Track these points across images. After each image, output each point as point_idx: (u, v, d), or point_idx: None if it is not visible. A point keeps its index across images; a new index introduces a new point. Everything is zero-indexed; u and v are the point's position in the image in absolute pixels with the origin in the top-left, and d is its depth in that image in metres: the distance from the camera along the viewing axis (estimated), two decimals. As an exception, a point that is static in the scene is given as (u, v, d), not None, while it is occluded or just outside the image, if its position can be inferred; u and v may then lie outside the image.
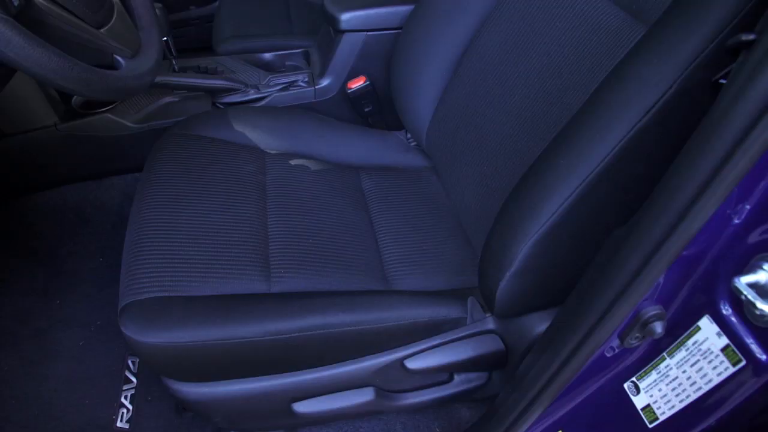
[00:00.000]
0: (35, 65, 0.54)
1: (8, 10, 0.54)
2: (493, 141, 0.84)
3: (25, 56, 0.53)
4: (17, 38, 0.52)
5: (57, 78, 0.56)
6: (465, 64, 0.92)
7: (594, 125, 0.59)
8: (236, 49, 1.37)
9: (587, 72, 0.72)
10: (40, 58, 0.54)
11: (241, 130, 1.02)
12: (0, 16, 0.51)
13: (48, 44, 0.55)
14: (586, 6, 0.75)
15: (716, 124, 0.41)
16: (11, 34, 0.51)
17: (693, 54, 0.53)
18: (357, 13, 1.09)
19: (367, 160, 1.05)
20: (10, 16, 0.53)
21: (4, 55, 0.52)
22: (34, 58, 0.54)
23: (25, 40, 0.52)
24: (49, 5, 0.61)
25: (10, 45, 0.51)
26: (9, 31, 0.51)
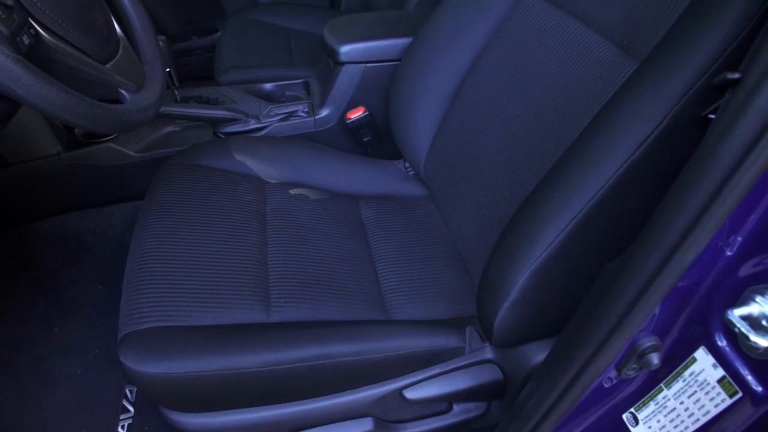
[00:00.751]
0: (43, 102, 0.55)
1: (19, 48, 0.56)
2: (490, 171, 0.86)
3: (33, 93, 0.54)
4: (27, 76, 0.53)
5: (64, 114, 0.58)
6: (462, 96, 0.94)
7: (588, 158, 0.60)
8: (237, 80, 1.40)
9: (582, 105, 0.74)
10: (48, 94, 0.56)
11: (241, 159, 1.03)
12: (11, 55, 0.52)
13: (55, 81, 0.57)
14: (580, 40, 0.77)
15: (704, 160, 0.43)
16: (21, 73, 0.53)
17: (682, 90, 0.55)
18: (356, 46, 1.12)
19: (366, 189, 1.06)
20: (21, 54, 0.55)
21: (14, 92, 0.53)
22: (42, 94, 0.55)
23: (34, 78, 0.54)
24: (58, 43, 0.63)
25: (19, 83, 0.53)
26: (19, 70, 0.53)
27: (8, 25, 0.55)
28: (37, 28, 0.60)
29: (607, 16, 0.73)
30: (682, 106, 0.55)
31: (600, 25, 0.75)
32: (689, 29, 0.57)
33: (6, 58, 0.52)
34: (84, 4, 0.69)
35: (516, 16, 0.89)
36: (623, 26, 0.70)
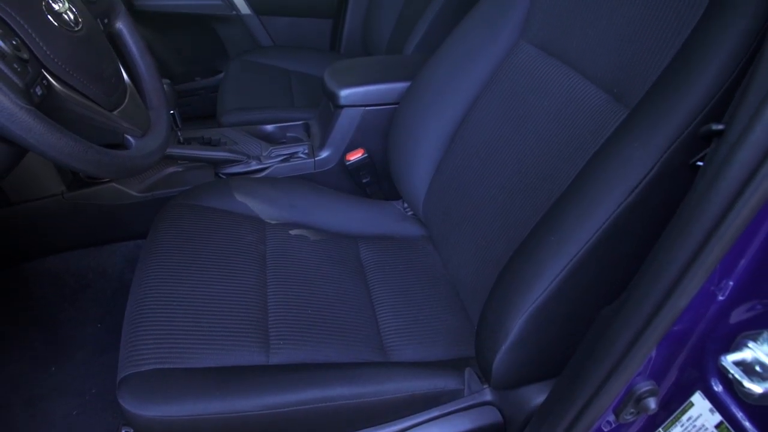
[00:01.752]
0: (53, 150, 0.57)
1: (32, 99, 0.58)
2: (487, 213, 0.87)
3: (44, 142, 0.56)
4: (38, 126, 0.55)
5: (72, 161, 0.60)
6: (459, 139, 0.97)
7: (582, 203, 0.62)
8: (239, 121, 1.43)
9: (575, 149, 0.76)
10: (57, 143, 0.58)
11: (242, 200, 1.05)
12: (24, 106, 0.54)
13: (65, 130, 0.59)
14: (572, 87, 0.80)
15: (693, 210, 0.44)
16: (33, 123, 0.55)
17: (670, 139, 0.57)
18: (355, 90, 1.15)
19: (365, 230, 1.08)
20: (33, 104, 0.57)
21: (26, 141, 0.55)
22: (51, 143, 0.57)
23: (45, 128, 0.56)
24: (69, 92, 0.65)
25: (31, 132, 0.55)
26: (32, 121, 0.55)
27: (23, 78, 0.57)
28: (50, 79, 0.63)
29: (598, 64, 0.76)
30: (670, 154, 0.57)
31: (591, 73, 0.77)
32: (675, 81, 0.59)
33: (20, 110, 0.54)
34: (94, 55, 0.72)
35: (511, 62, 0.92)
36: (613, 75, 0.73)
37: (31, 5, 0.64)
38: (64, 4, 0.70)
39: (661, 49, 0.65)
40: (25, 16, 0.61)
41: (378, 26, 1.71)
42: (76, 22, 0.70)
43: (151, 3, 1.91)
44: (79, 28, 0.70)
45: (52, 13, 0.67)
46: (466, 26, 1.00)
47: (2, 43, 0.57)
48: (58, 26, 0.67)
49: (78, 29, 0.70)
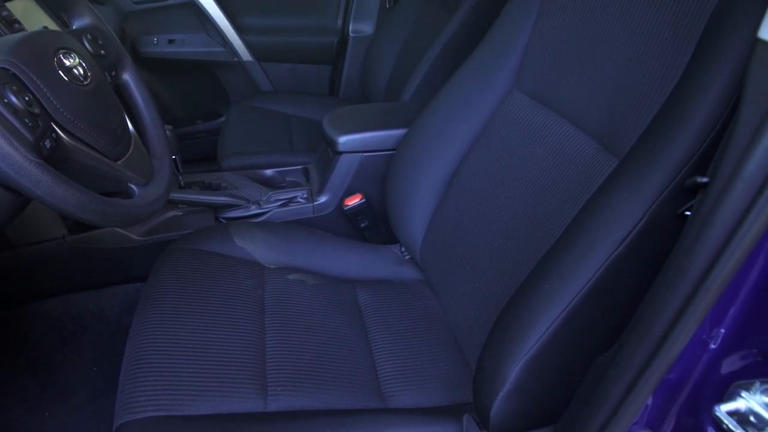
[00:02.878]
0: (59, 201, 0.59)
1: (41, 152, 0.60)
2: (483, 258, 0.89)
3: (51, 194, 0.58)
4: (46, 179, 0.57)
5: (77, 212, 0.61)
6: (455, 185, 0.99)
7: (574, 252, 0.63)
8: (239, 165, 1.46)
9: (568, 197, 0.78)
10: (64, 195, 0.59)
11: (241, 245, 1.06)
12: (33, 160, 0.56)
13: (71, 182, 0.61)
14: (564, 136, 0.82)
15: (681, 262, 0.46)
16: (41, 176, 0.57)
17: (658, 190, 0.59)
18: (353, 137, 1.18)
19: (363, 274, 1.08)
20: (42, 157, 0.59)
21: (34, 193, 0.57)
22: (58, 195, 0.59)
23: (53, 181, 0.58)
24: (76, 144, 0.67)
25: (39, 185, 0.57)
26: (40, 174, 0.57)
27: (33, 132, 0.59)
28: (59, 132, 0.65)
29: (588, 115, 0.79)
30: (659, 204, 0.59)
31: (582, 122, 0.80)
32: (661, 134, 0.61)
33: (29, 164, 0.56)
34: (102, 107, 0.75)
35: (504, 111, 0.95)
36: (603, 125, 0.76)
37: (45, 62, 0.67)
38: (74, 59, 0.73)
39: (647, 102, 0.68)
40: (38, 73, 0.64)
41: (376, 73, 1.76)
42: (85, 77, 0.73)
43: (156, 50, 1.97)
44: (87, 82, 0.73)
45: (63, 69, 0.70)
46: (461, 75, 1.03)
47: (15, 99, 0.59)
48: (68, 81, 0.70)
49: (87, 83, 0.73)
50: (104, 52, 0.85)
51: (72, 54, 0.73)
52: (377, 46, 1.82)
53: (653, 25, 0.69)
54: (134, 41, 1.95)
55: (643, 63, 0.70)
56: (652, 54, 0.68)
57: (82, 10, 0.86)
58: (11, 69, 0.62)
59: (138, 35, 1.95)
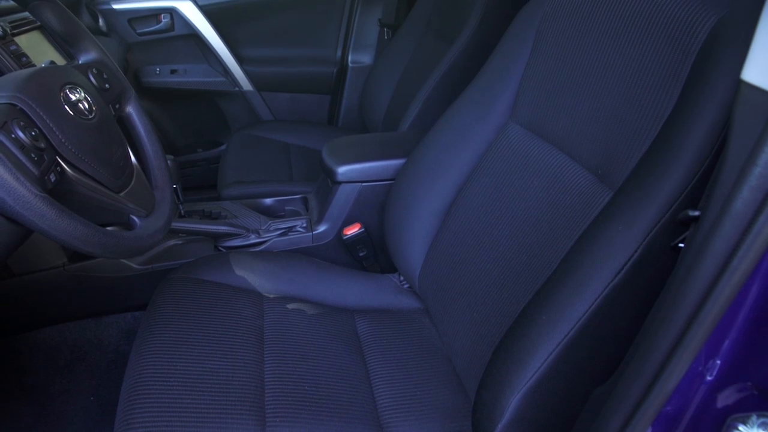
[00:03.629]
0: (62, 234, 0.60)
1: (45, 186, 0.61)
2: (481, 288, 0.89)
3: (55, 227, 0.59)
4: (51, 213, 0.58)
5: (80, 244, 0.62)
6: (453, 215, 1.00)
7: (571, 284, 0.64)
8: (239, 194, 1.47)
9: (563, 228, 0.79)
10: (68, 227, 0.60)
11: (241, 274, 1.06)
12: (38, 194, 0.57)
13: (74, 215, 0.62)
14: (559, 167, 0.84)
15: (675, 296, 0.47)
16: (46, 210, 0.58)
17: (651, 223, 0.60)
18: (352, 167, 1.20)
19: (362, 303, 1.09)
20: (46, 191, 0.60)
21: (38, 226, 0.58)
22: (62, 228, 0.60)
23: (56, 214, 0.59)
24: (80, 177, 0.69)
25: (44, 219, 0.58)
26: (45, 207, 0.58)
27: (39, 166, 0.61)
28: (63, 166, 0.66)
29: (582, 146, 0.80)
30: (652, 237, 0.60)
31: (577, 154, 0.82)
32: (653, 167, 0.63)
33: (34, 198, 0.57)
34: (105, 140, 0.76)
35: (501, 141, 0.97)
36: (597, 157, 0.77)
37: (51, 97, 0.68)
38: (80, 93, 0.75)
39: (639, 135, 0.70)
40: (44, 108, 0.66)
41: (374, 102, 1.79)
42: (90, 111, 0.75)
43: (158, 80, 2.00)
44: (92, 116, 0.75)
45: (69, 103, 0.71)
46: (458, 107, 1.05)
47: (22, 134, 0.60)
48: (74, 115, 0.71)
49: (91, 117, 0.74)
50: (109, 86, 0.87)
51: (78, 89, 0.75)
52: (376, 76, 1.85)
53: (643, 61, 0.71)
54: (137, 71, 1.99)
55: (634, 98, 0.72)
56: (643, 89, 0.70)
57: (89, 46, 0.89)
58: (19, 105, 0.64)
59: (141, 65, 1.99)
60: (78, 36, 0.88)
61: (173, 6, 1.92)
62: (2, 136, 0.58)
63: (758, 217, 0.39)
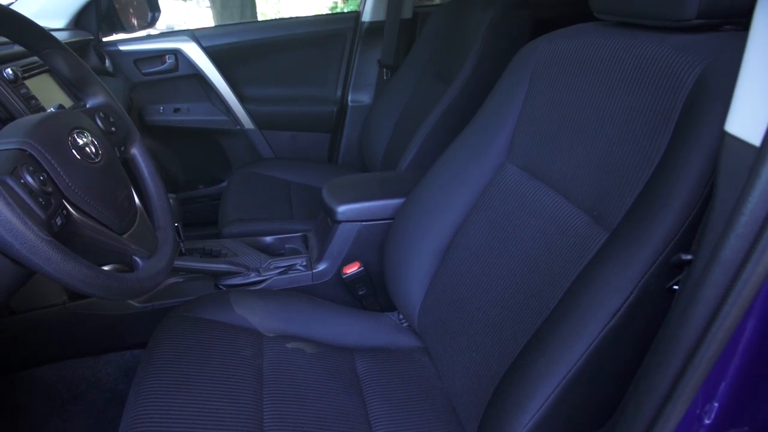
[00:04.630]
0: (67, 277, 0.61)
1: (52, 229, 0.63)
2: (480, 328, 0.90)
3: (60, 270, 0.60)
4: (56, 256, 0.59)
5: (83, 286, 0.63)
6: (451, 254, 1.01)
7: (568, 326, 0.65)
8: (239, 232, 1.48)
9: (560, 268, 0.80)
10: (72, 270, 0.61)
11: (240, 313, 1.07)
12: (45, 238, 0.59)
13: (79, 258, 0.63)
14: (555, 208, 0.85)
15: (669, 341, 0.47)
16: (52, 253, 0.59)
17: (646, 265, 0.61)
18: (352, 206, 1.21)
19: (362, 342, 1.09)
20: (53, 234, 0.62)
21: (43, 270, 0.59)
22: (67, 271, 0.61)
23: (62, 257, 0.60)
24: (85, 219, 0.70)
25: (49, 262, 0.59)
26: (51, 251, 0.59)
27: (46, 210, 0.62)
28: (69, 209, 0.68)
29: (577, 188, 0.82)
30: (647, 279, 0.61)
31: (572, 195, 0.83)
32: (646, 211, 0.64)
33: (41, 242, 0.58)
34: (110, 183, 0.78)
35: (498, 182, 0.99)
36: (592, 198, 0.79)
37: (60, 142, 0.70)
38: (87, 137, 0.77)
39: (632, 178, 0.71)
40: (53, 153, 0.68)
41: (374, 141, 1.82)
42: (96, 154, 0.77)
43: (162, 119, 2.04)
44: (98, 160, 0.77)
45: (76, 147, 0.73)
46: (456, 147, 1.08)
47: (31, 179, 0.62)
48: (81, 159, 0.73)
49: (98, 161, 0.76)
50: (115, 128, 0.89)
51: (85, 133, 0.77)
52: (375, 115, 1.89)
53: (634, 108, 0.73)
54: (141, 109, 2.03)
55: (626, 142, 0.74)
56: (634, 135, 0.72)
57: (96, 90, 0.91)
58: (29, 150, 0.65)
59: (145, 104, 2.03)
60: (86, 81, 0.90)
61: (178, 47, 1.97)
62: (12, 182, 0.60)
63: (746, 264, 0.40)
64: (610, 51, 0.80)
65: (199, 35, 1.99)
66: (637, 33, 0.78)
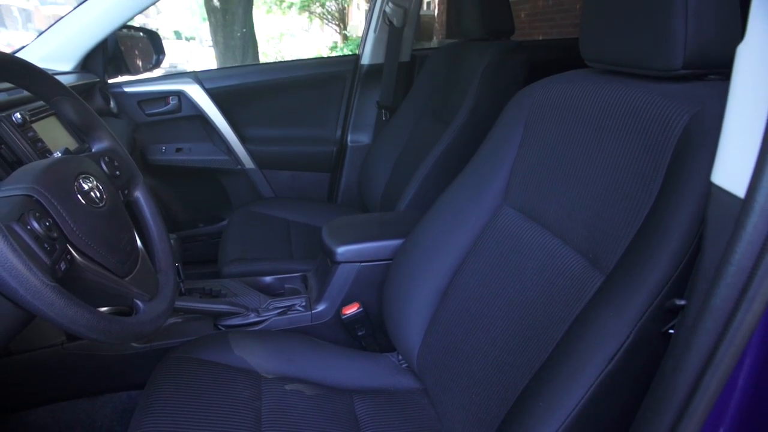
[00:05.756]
0: (69, 322, 0.62)
1: (56, 275, 0.64)
2: (479, 369, 0.90)
3: (62, 315, 0.61)
4: (60, 302, 0.60)
5: (85, 331, 0.64)
6: (450, 295, 1.02)
7: (566, 370, 0.65)
8: (239, 272, 1.49)
9: (558, 311, 0.81)
10: (75, 315, 0.62)
11: (240, 354, 1.07)
12: (49, 284, 0.60)
13: (82, 303, 0.64)
14: (552, 250, 0.87)
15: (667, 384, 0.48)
16: (55, 299, 0.60)
17: (642, 309, 0.62)
18: (351, 247, 1.23)
19: (361, 383, 1.08)
20: (56, 279, 0.63)
21: (46, 315, 0.60)
22: (69, 316, 0.61)
23: (65, 303, 0.61)
24: (88, 264, 0.71)
25: (52, 308, 0.60)
26: (54, 296, 0.60)
27: (51, 255, 0.63)
28: (73, 253, 0.69)
29: (573, 231, 0.83)
30: (643, 323, 0.62)
31: (568, 237, 0.84)
32: (640, 256, 0.65)
33: (45, 287, 0.59)
34: (114, 227, 0.79)
35: (495, 224, 1.00)
36: (588, 241, 0.80)
37: (66, 188, 0.72)
38: (92, 182, 0.79)
39: (626, 223, 0.73)
40: (59, 199, 0.69)
41: (373, 181, 1.84)
42: (101, 199, 0.78)
43: (164, 158, 2.07)
44: (103, 204, 0.78)
45: (82, 193, 0.75)
46: (454, 189, 1.10)
47: (37, 225, 0.64)
48: (86, 204, 0.75)
49: (102, 205, 0.78)
50: (119, 173, 0.91)
51: (90, 177, 0.79)
52: (374, 155, 1.92)
53: (625, 153, 0.75)
54: (144, 149, 2.06)
55: (619, 187, 0.76)
56: (626, 180, 0.74)
57: (102, 135, 0.94)
58: (36, 196, 0.67)
59: (147, 144, 2.06)
60: (93, 126, 0.93)
61: (181, 89, 2.01)
62: (19, 228, 0.61)
63: (736, 313, 0.41)
64: (601, 98, 0.83)
65: (202, 77, 2.04)
66: (627, 81, 0.81)
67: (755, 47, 0.43)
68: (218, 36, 6.24)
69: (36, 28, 14.40)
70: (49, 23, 1.64)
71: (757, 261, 0.40)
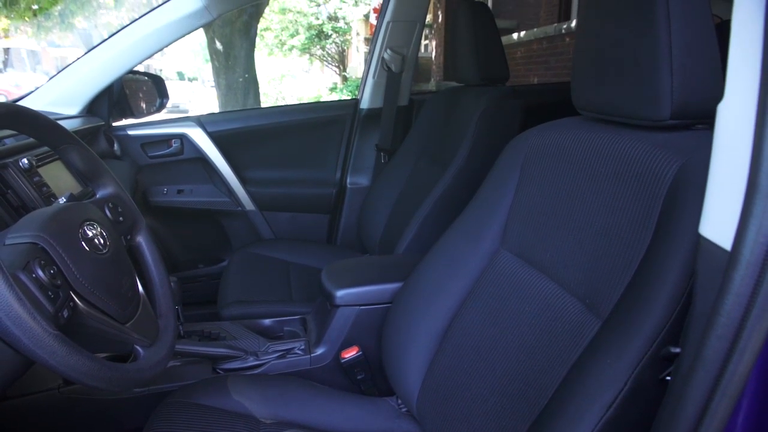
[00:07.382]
0: (70, 370, 0.62)
1: (58, 322, 0.64)
2: (478, 415, 0.89)
3: (64, 364, 0.61)
4: (61, 350, 0.61)
5: (85, 378, 0.64)
6: (449, 339, 1.02)
7: (565, 418, 0.65)
8: (238, 315, 1.49)
9: (556, 356, 0.81)
10: (76, 364, 0.62)
11: (238, 398, 1.06)
12: (51, 332, 0.60)
13: (83, 350, 0.64)
14: (549, 294, 0.87)
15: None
16: (57, 347, 0.60)
17: (638, 357, 0.63)
18: (350, 291, 1.23)
19: (360, 428, 1.07)
20: (59, 327, 0.63)
21: (47, 363, 0.60)
22: (70, 364, 0.62)
23: (66, 351, 0.61)
24: (90, 310, 0.72)
25: (54, 356, 0.60)
26: (57, 345, 0.60)
27: (54, 303, 0.64)
28: (76, 300, 0.70)
29: (570, 275, 0.84)
30: (640, 370, 0.63)
31: (566, 282, 0.85)
32: (634, 303, 0.66)
33: (47, 336, 0.60)
34: (116, 273, 0.80)
35: (493, 268, 1.01)
36: (584, 286, 0.81)
37: (70, 235, 0.74)
38: (96, 228, 0.81)
39: (621, 270, 0.74)
40: (63, 246, 0.71)
41: (372, 223, 1.86)
42: (104, 245, 0.80)
43: (165, 200, 2.09)
44: (106, 251, 0.80)
45: (86, 240, 0.77)
46: (452, 234, 1.11)
47: (42, 273, 0.65)
48: (89, 250, 0.76)
49: (105, 252, 0.79)
50: (122, 218, 0.93)
51: (94, 224, 0.81)
52: (373, 197, 1.94)
53: (618, 200, 0.77)
54: (145, 191, 2.08)
55: (613, 233, 0.77)
56: (620, 226, 0.76)
57: (107, 182, 0.96)
58: (41, 243, 0.68)
59: (149, 185, 2.09)
60: (98, 173, 0.95)
61: (184, 132, 2.05)
62: (24, 277, 0.62)
63: (728, 365, 0.42)
64: (594, 146, 0.85)
65: (204, 121, 2.08)
66: (618, 129, 0.83)
67: (734, 106, 0.46)
68: (220, 78, 6.37)
69: (44, 69, 14.76)
70: (56, 64, 1.69)
71: (746, 313, 0.41)
